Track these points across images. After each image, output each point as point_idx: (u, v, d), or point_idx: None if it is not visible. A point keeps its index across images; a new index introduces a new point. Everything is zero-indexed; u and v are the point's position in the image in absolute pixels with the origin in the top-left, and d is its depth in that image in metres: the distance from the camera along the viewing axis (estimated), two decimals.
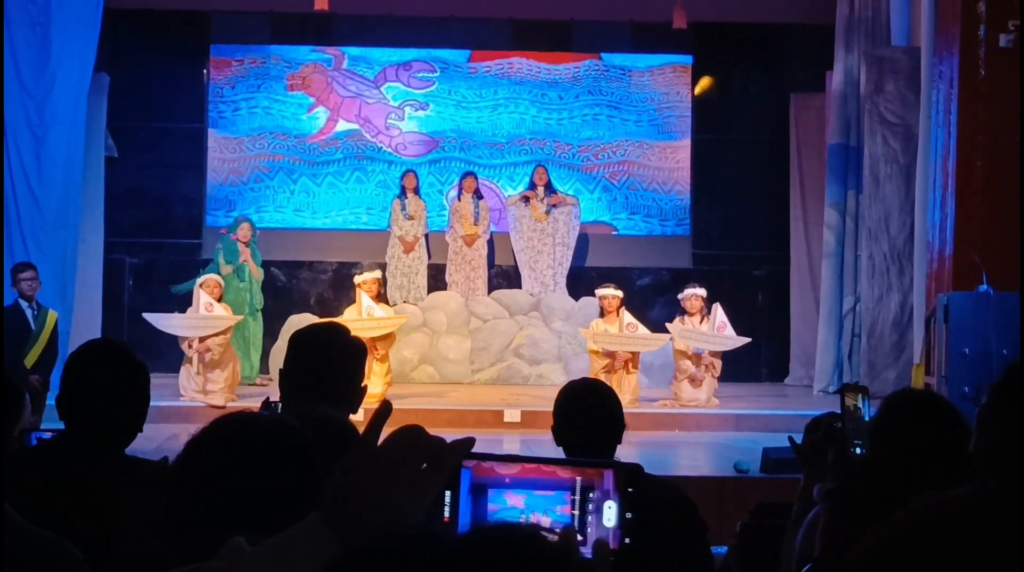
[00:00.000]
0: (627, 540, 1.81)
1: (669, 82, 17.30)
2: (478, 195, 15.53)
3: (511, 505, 1.84)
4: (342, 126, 17.08)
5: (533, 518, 1.83)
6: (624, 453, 10.94)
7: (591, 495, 1.85)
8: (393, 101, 17.18)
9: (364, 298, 12.38)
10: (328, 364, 3.46)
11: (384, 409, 1.59)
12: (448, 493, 1.78)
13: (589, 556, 1.73)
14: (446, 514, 1.78)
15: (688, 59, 17.23)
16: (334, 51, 17.14)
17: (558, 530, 1.71)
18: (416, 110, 17.14)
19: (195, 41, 16.94)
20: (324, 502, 1.50)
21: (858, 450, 3.25)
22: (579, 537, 1.77)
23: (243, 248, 14.05)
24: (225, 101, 17.01)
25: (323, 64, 17.14)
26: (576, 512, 1.84)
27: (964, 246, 10.94)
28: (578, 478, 1.85)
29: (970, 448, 2.58)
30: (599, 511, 1.84)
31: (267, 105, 17.02)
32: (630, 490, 1.83)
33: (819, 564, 2.83)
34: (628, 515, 1.82)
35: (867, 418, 3.33)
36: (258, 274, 14.15)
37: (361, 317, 12.04)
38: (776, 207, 16.74)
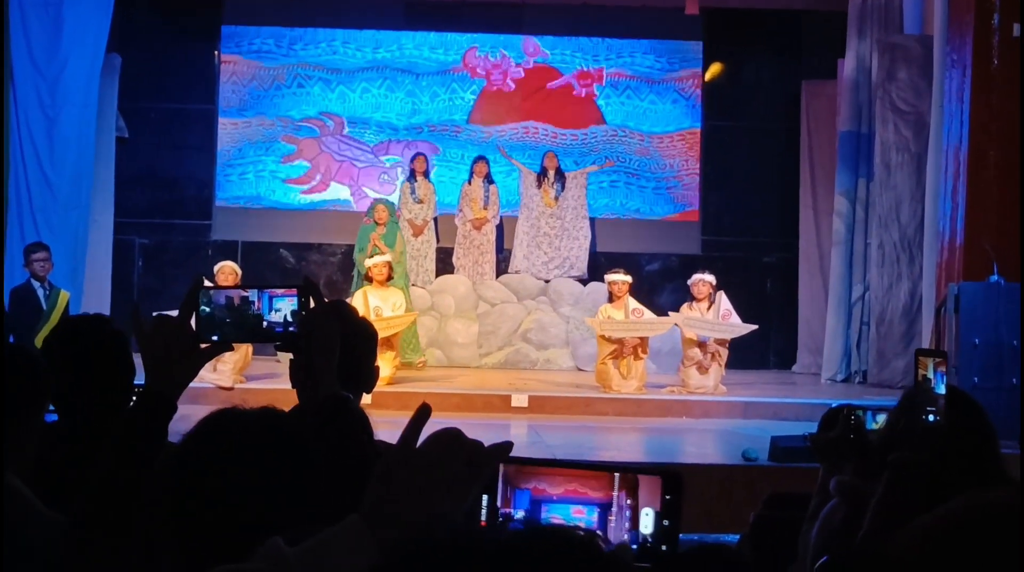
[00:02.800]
0: (663, 547, 1.81)
1: (681, 72, 17.27)
2: (489, 180, 15.53)
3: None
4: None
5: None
6: (631, 440, 10.97)
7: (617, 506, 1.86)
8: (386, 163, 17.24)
9: (370, 297, 12.39)
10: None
11: (423, 412, 1.61)
12: (485, 496, 1.79)
13: None
14: (483, 517, 1.79)
15: (699, 47, 17.20)
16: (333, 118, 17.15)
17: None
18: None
19: (207, 22, 16.91)
20: (363, 504, 1.51)
21: (930, 417, 3.21)
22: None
23: (378, 231, 13.93)
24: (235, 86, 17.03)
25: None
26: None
27: (975, 236, 10.93)
28: (615, 495, 1.85)
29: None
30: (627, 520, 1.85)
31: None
32: (668, 497, 1.83)
33: (842, 554, 2.83)
34: (665, 522, 1.83)
35: (939, 389, 3.31)
36: (392, 255, 13.70)
37: (369, 318, 12.02)
38: (786, 194, 16.71)
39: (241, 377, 11.94)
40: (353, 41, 17.15)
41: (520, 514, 1.83)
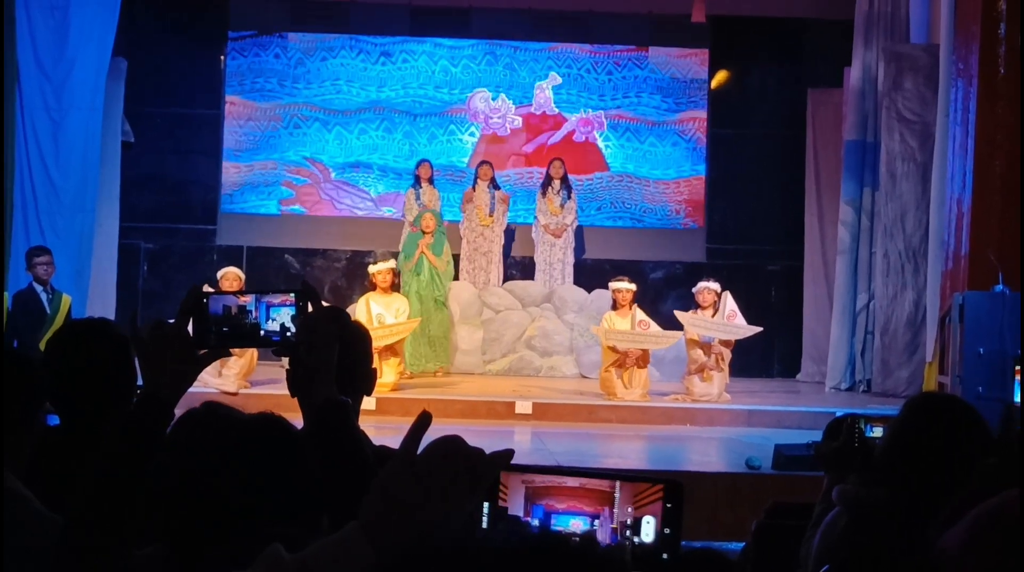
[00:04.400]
0: (664, 556, 1.81)
1: (687, 74, 17.26)
2: (494, 185, 15.52)
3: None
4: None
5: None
6: (635, 448, 10.94)
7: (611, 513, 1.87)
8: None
9: (372, 305, 12.39)
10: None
11: (423, 420, 1.60)
12: (487, 504, 1.79)
13: None
14: (484, 524, 1.79)
15: (705, 54, 17.20)
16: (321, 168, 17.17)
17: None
18: None
19: (213, 26, 16.94)
20: (363, 511, 1.51)
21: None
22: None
23: (425, 240, 13.86)
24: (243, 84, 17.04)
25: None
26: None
27: (980, 246, 10.91)
28: (615, 503, 1.85)
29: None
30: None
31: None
32: (669, 506, 1.83)
33: (844, 562, 2.83)
34: (666, 531, 1.82)
35: (1015, 397, 3.30)
36: (440, 264, 13.81)
37: (372, 326, 12.02)
38: (791, 203, 16.70)
39: (246, 382, 11.94)
40: (357, 80, 17.12)
41: (535, 522, 1.84)
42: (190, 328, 2.34)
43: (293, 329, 2.39)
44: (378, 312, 12.33)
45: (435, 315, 13.84)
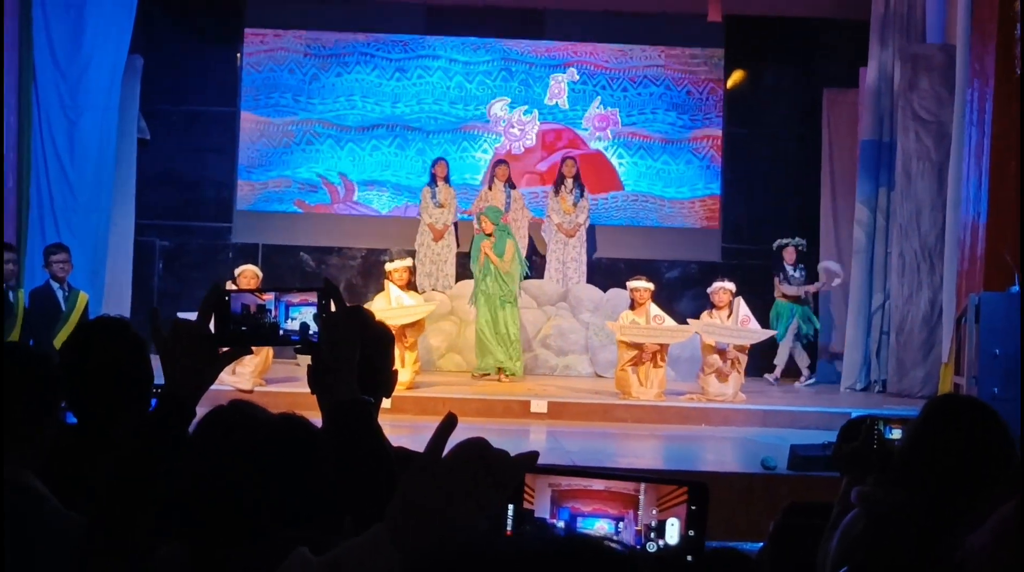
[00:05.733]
0: (688, 558, 1.82)
1: (703, 90, 17.24)
2: (511, 184, 15.52)
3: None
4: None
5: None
6: (650, 447, 10.94)
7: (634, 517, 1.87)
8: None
9: (393, 289, 12.42)
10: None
11: (449, 422, 1.60)
12: (511, 506, 1.79)
13: None
14: (509, 527, 1.79)
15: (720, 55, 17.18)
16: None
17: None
18: None
19: (228, 24, 16.97)
20: (388, 514, 1.51)
21: None
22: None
23: (487, 240, 13.69)
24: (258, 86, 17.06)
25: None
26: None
27: (996, 246, 10.88)
28: (640, 504, 1.86)
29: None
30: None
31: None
32: (693, 508, 1.83)
33: (862, 565, 2.83)
34: (691, 532, 1.83)
35: None
36: (502, 265, 13.56)
37: (391, 306, 12.09)
38: (807, 202, 16.66)
39: (261, 380, 11.96)
40: (372, 95, 17.11)
41: (561, 524, 1.85)
42: (212, 327, 2.34)
43: (314, 328, 2.39)
44: (397, 295, 12.36)
45: (500, 314, 13.68)
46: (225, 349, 2.33)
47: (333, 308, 2.41)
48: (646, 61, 17.22)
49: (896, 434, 3.50)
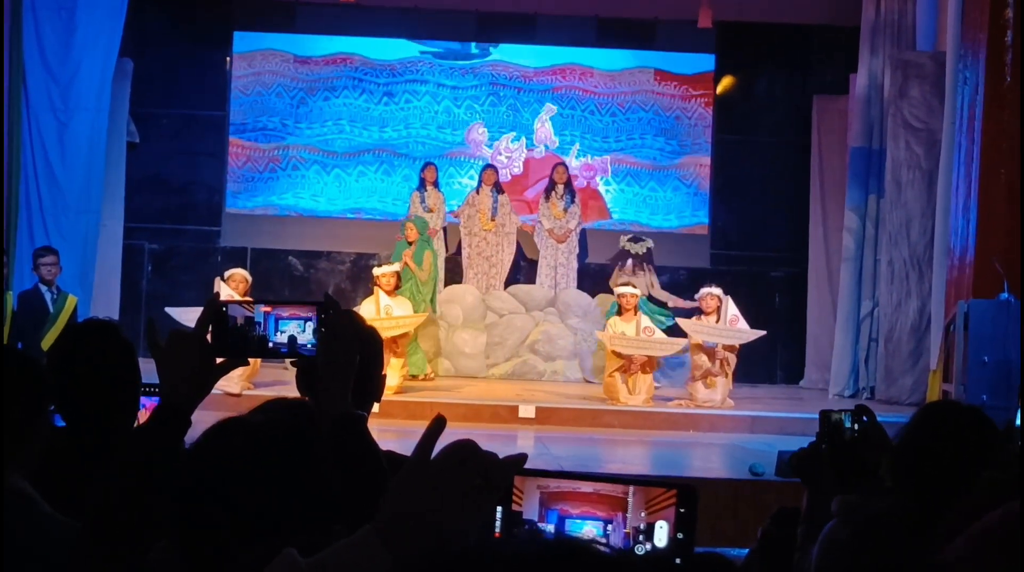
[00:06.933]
0: (677, 561, 1.81)
1: (692, 115, 17.25)
2: (498, 189, 15.51)
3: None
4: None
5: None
6: (638, 453, 10.93)
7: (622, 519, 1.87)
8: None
9: (382, 296, 12.38)
10: None
11: (437, 424, 1.60)
12: (500, 508, 1.79)
13: None
14: (497, 529, 1.78)
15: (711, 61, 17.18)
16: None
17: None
18: None
19: (219, 28, 16.95)
20: (377, 516, 1.51)
21: None
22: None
23: (408, 249, 13.83)
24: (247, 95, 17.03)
25: None
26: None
27: (985, 254, 10.90)
28: (629, 507, 1.86)
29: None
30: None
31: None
32: (682, 511, 1.83)
33: None
34: (679, 535, 1.82)
35: None
36: (420, 274, 13.74)
37: (379, 316, 12.03)
38: (796, 209, 16.68)
39: (249, 384, 11.94)
40: (360, 119, 17.09)
41: (551, 528, 1.84)
42: (208, 337, 2.34)
43: (303, 341, 2.40)
44: (386, 304, 12.33)
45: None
46: (221, 360, 2.33)
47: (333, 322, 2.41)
48: (635, 87, 17.20)
49: (852, 424, 3.49)
